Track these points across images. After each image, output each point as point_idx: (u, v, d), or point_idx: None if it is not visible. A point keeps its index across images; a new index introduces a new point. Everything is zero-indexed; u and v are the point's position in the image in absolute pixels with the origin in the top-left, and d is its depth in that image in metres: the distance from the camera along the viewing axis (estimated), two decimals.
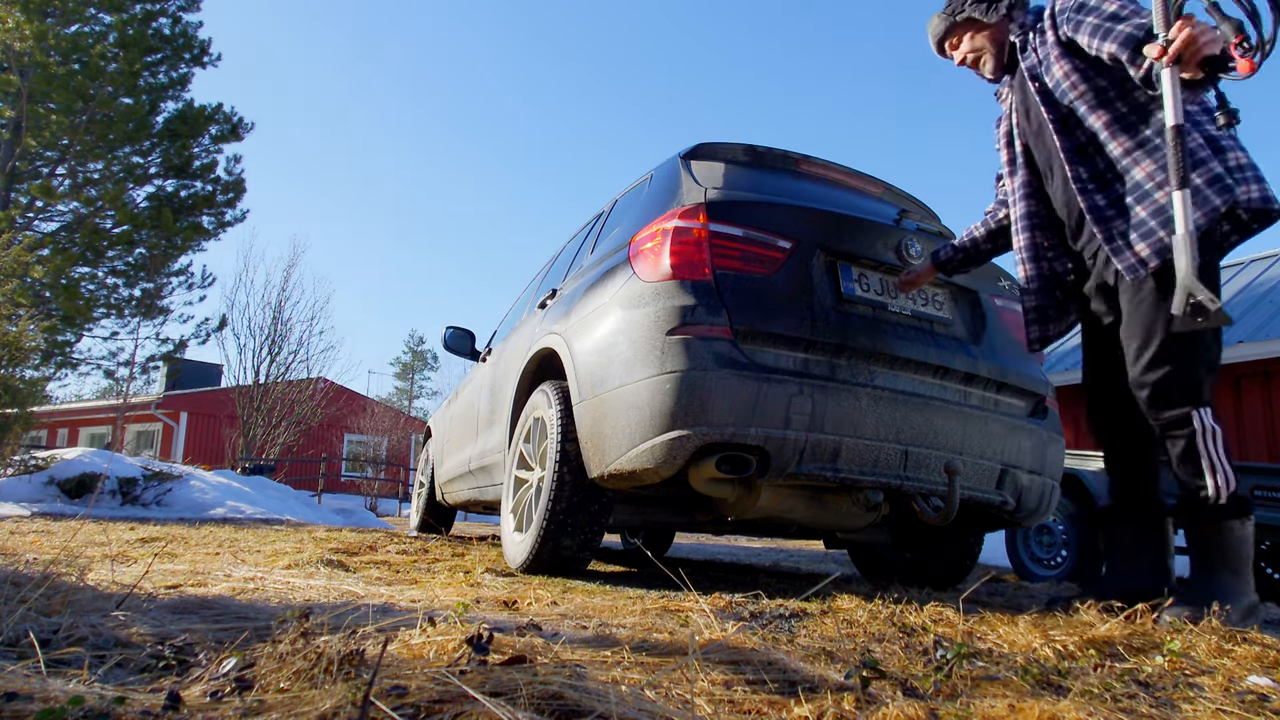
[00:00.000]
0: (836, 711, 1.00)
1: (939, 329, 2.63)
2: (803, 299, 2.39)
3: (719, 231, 2.42)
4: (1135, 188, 2.00)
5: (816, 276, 2.46)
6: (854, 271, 2.54)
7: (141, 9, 14.12)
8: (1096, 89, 2.07)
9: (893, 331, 2.48)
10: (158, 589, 1.93)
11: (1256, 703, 1.21)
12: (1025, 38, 2.23)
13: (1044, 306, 2.32)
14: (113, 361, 14.93)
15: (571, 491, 2.52)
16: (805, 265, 2.45)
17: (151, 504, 6.87)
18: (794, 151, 3.04)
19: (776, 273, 2.41)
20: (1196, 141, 1.96)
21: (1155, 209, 1.95)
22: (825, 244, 2.51)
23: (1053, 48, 2.14)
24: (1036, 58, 2.19)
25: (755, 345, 2.30)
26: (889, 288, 2.58)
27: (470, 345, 4.84)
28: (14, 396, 6.93)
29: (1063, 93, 2.12)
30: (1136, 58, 1.88)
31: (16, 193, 13.44)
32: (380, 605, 1.77)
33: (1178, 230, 1.80)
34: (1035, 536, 5.30)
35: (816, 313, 2.38)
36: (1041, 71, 2.18)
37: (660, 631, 1.55)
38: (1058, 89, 2.14)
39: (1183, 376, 1.96)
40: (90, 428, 22.94)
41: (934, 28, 2.40)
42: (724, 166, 2.81)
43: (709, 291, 2.33)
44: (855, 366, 2.40)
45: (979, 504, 2.55)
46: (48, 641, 1.16)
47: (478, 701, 0.86)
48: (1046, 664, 1.38)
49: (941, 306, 2.69)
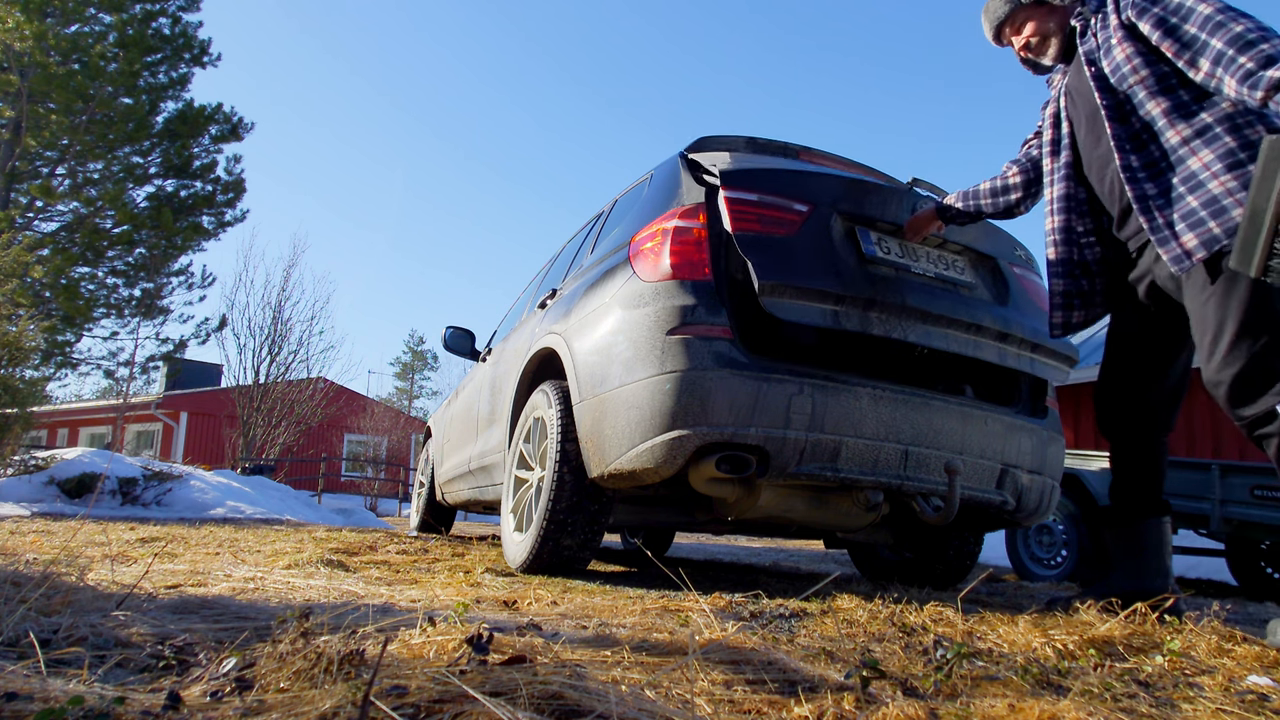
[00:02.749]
0: (836, 711, 1.00)
1: (964, 291, 2.62)
2: (827, 256, 2.38)
3: (735, 197, 2.40)
4: (1189, 177, 1.89)
5: (837, 238, 2.45)
6: (873, 235, 2.53)
7: (141, 9, 14.11)
8: (1158, 75, 1.96)
9: (922, 289, 2.47)
10: (158, 589, 1.93)
11: (1256, 702, 1.21)
12: (1086, 22, 2.14)
13: (1070, 292, 2.25)
14: (113, 361, 14.95)
15: (571, 491, 2.52)
16: (825, 227, 2.44)
17: (151, 504, 6.87)
18: (794, 143, 3.07)
19: (797, 233, 2.40)
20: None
21: (1208, 199, 1.84)
22: (841, 208, 2.50)
23: (1115, 31, 2.03)
24: (1096, 42, 2.09)
25: (786, 299, 2.26)
26: (910, 251, 2.57)
27: (470, 345, 4.84)
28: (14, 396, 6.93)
29: (1121, 77, 2.02)
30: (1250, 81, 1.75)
31: (16, 193, 13.44)
32: (380, 605, 1.77)
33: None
34: (1035, 536, 5.30)
35: (843, 269, 2.36)
36: (1099, 56, 2.07)
37: (660, 631, 1.55)
38: (1116, 73, 2.03)
39: (1262, 368, 1.78)
40: (90, 428, 22.93)
41: (994, 11, 2.28)
42: (729, 154, 2.83)
43: (709, 291, 2.33)
44: (888, 322, 2.37)
45: (979, 504, 2.55)
46: (48, 641, 1.16)
47: (478, 701, 0.86)
48: (1046, 664, 1.38)
49: (963, 271, 2.68)
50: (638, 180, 3.23)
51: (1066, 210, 2.24)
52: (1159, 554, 2.19)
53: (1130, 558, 2.21)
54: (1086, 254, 2.24)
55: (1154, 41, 1.93)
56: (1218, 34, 1.81)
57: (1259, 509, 4.60)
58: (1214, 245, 1.83)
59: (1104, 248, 2.24)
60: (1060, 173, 2.25)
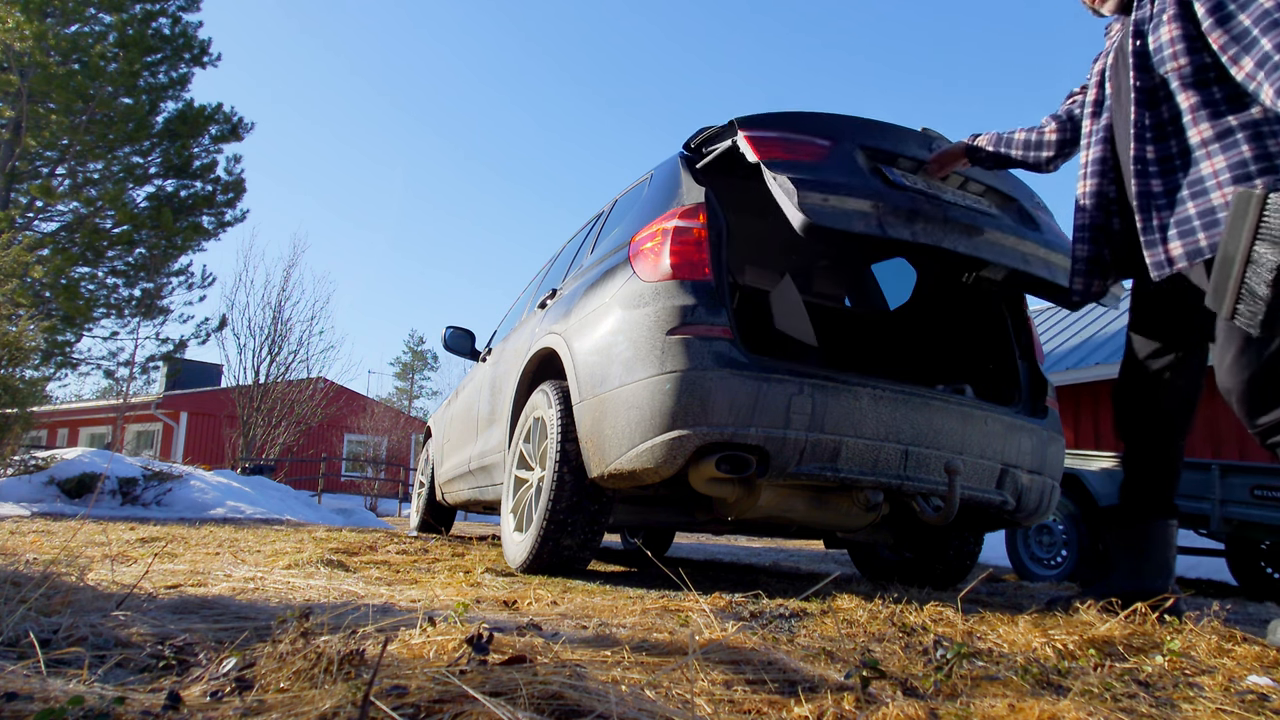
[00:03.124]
0: (836, 711, 1.00)
1: (997, 218, 2.63)
2: (860, 177, 2.39)
3: (755, 136, 2.40)
4: (1197, 181, 1.83)
5: (864, 167, 2.46)
6: (896, 171, 2.55)
7: (141, 9, 14.12)
8: (1197, 66, 1.84)
9: (959, 210, 2.48)
10: (158, 589, 1.93)
11: (1256, 702, 1.21)
12: None
13: (1094, 259, 2.16)
14: (113, 361, 14.95)
15: (571, 491, 2.52)
16: (850, 157, 2.45)
17: (151, 504, 6.87)
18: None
19: (825, 160, 2.40)
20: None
21: (1205, 209, 1.79)
22: (862, 142, 2.52)
23: (1170, 6, 1.90)
24: (1151, 10, 1.96)
25: (831, 204, 2.23)
26: (936, 186, 2.58)
27: (470, 345, 4.84)
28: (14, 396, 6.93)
29: (1161, 60, 1.91)
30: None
31: (16, 193, 13.44)
32: (380, 605, 1.77)
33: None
34: (1035, 536, 5.30)
35: (876, 188, 2.36)
36: (1148, 29, 1.96)
37: (660, 631, 1.55)
38: (1158, 54, 1.92)
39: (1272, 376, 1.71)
40: (90, 428, 22.93)
41: None
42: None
43: (709, 291, 2.33)
44: (934, 233, 2.36)
45: (979, 504, 2.54)
46: (48, 641, 1.16)
47: (478, 701, 0.86)
48: (1046, 664, 1.38)
49: (990, 206, 2.69)
50: (637, 180, 3.23)
51: (1100, 174, 2.13)
52: (1163, 555, 2.17)
53: (1131, 558, 2.19)
54: (1114, 223, 2.14)
55: (1204, 28, 1.81)
56: (1271, 33, 1.67)
57: (1259, 509, 4.60)
58: (1196, 257, 1.80)
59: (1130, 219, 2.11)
60: (1099, 135, 2.14)
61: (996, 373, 3.00)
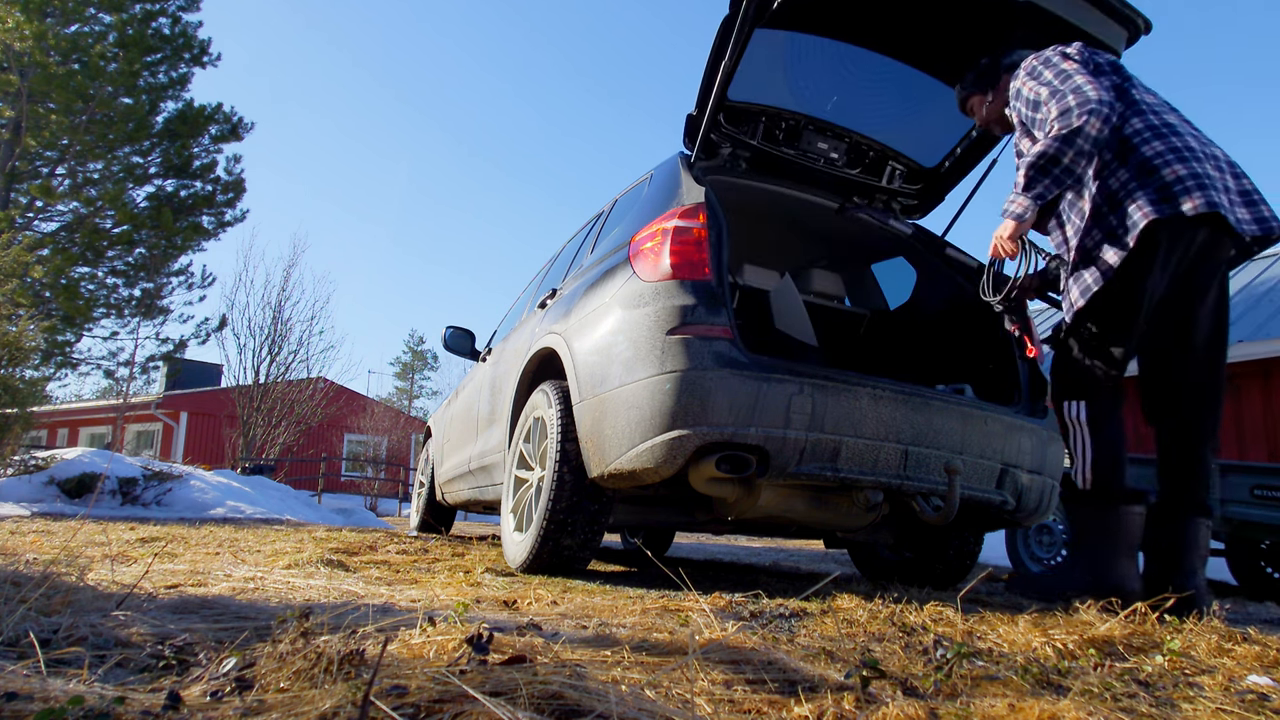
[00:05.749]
0: (836, 711, 1.00)
1: None
2: None
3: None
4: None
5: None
6: None
7: (141, 9, 14.12)
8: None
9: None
10: (158, 589, 1.93)
11: (1256, 702, 1.21)
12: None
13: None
14: (113, 361, 14.95)
15: (571, 491, 2.51)
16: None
17: (151, 504, 6.87)
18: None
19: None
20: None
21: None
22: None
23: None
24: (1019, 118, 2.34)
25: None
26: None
27: (470, 345, 4.84)
28: (14, 396, 6.93)
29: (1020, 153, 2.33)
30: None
31: (16, 193, 13.44)
32: (380, 605, 1.77)
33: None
34: (1035, 536, 5.30)
35: None
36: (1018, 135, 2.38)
37: (660, 631, 1.55)
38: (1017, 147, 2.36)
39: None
40: (90, 428, 22.93)
41: (956, 95, 2.66)
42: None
43: (709, 291, 2.33)
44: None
45: (979, 504, 2.55)
46: (48, 641, 1.16)
47: (478, 701, 0.86)
48: (1046, 663, 1.38)
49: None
50: (638, 180, 3.24)
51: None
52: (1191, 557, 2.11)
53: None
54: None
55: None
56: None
57: (1259, 509, 4.60)
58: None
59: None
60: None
61: (996, 372, 3.01)
